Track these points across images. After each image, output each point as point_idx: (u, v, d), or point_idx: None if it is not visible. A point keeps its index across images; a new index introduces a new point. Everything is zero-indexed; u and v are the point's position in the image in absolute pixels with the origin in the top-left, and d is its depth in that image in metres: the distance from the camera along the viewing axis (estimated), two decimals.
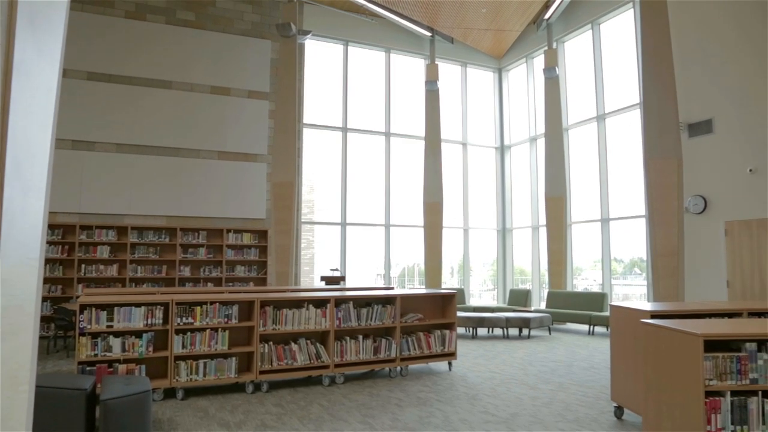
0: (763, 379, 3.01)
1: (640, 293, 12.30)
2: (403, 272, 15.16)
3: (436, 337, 7.23)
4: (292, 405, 5.48)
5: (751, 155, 8.24)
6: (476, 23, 14.19)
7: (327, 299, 6.54)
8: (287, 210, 12.01)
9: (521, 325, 10.56)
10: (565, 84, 13.82)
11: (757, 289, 8.08)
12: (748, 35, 8.35)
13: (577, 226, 13.44)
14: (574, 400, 5.76)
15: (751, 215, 8.22)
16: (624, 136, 12.31)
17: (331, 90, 13.81)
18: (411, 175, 14.52)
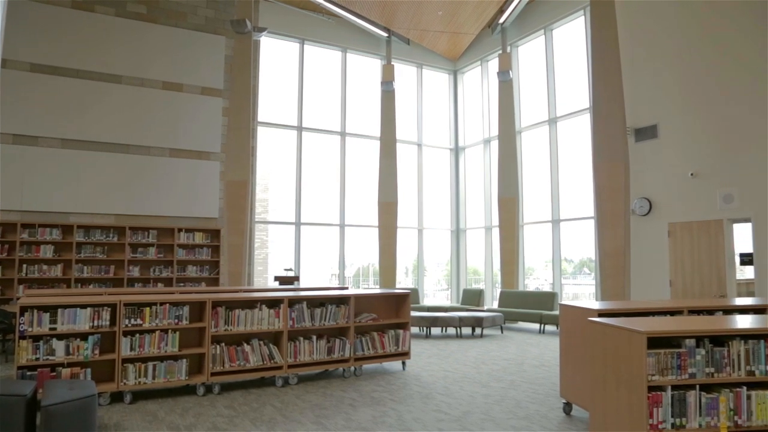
0: (700, 374, 3.14)
1: (589, 292, 12.65)
2: (357, 272, 15.16)
3: (390, 336, 7.26)
4: (245, 407, 5.40)
5: (693, 160, 8.60)
6: (432, 25, 14.31)
7: (280, 299, 6.48)
8: (240, 209, 11.81)
9: (474, 324, 10.71)
10: (518, 87, 14.09)
11: (697, 287, 8.44)
12: (692, 46, 8.71)
13: (529, 227, 13.73)
14: (524, 397, 5.88)
15: (692, 217, 8.58)
16: (574, 140, 12.65)
17: (287, 88, 13.69)
18: (366, 175, 14.53)
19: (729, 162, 8.16)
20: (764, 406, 3.16)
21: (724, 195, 8.18)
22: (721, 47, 8.29)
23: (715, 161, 8.33)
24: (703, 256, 8.42)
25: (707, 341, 3.20)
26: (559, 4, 12.67)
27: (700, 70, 8.58)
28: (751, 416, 3.14)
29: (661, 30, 9.17)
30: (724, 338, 3.24)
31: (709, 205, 8.37)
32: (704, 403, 3.10)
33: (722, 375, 3.18)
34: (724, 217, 8.20)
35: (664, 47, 9.10)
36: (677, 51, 8.90)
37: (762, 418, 3.15)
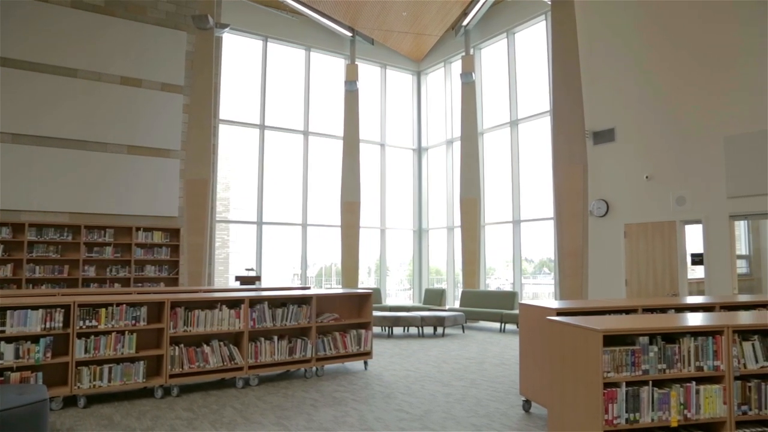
0: (653, 370, 3.24)
1: (549, 291, 12.90)
2: (320, 272, 15.09)
3: (351, 336, 7.25)
4: (204, 409, 5.31)
5: (648, 163, 8.86)
6: (397, 26, 14.36)
7: (241, 299, 6.40)
8: (201, 208, 11.63)
9: (436, 323, 10.79)
10: (480, 89, 14.26)
11: (651, 286, 8.70)
12: (648, 52, 8.97)
13: (490, 228, 13.91)
14: (485, 395, 5.95)
15: (646, 219, 8.83)
16: (535, 142, 12.87)
17: (249, 86, 13.53)
18: (329, 175, 14.48)
19: (682, 166, 8.44)
20: (711, 400, 3.28)
21: (676, 197, 8.46)
22: (677, 54, 8.56)
23: (669, 165, 8.60)
24: (657, 256, 8.68)
25: (660, 338, 3.31)
26: (521, 9, 12.88)
27: (655, 76, 8.85)
28: (699, 410, 3.26)
29: (620, 36, 9.42)
30: (676, 335, 3.35)
31: (662, 207, 8.64)
32: (656, 398, 3.20)
33: (673, 371, 3.28)
34: (676, 218, 8.47)
35: (623, 53, 9.34)
36: (635, 57, 9.15)
37: (709, 412, 3.27)
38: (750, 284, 9.75)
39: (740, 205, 7.77)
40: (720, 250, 7.97)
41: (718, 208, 7.98)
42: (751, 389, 3.35)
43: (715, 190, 8.00)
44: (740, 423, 3.34)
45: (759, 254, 9.93)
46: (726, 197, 7.88)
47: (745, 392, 3.34)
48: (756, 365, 3.40)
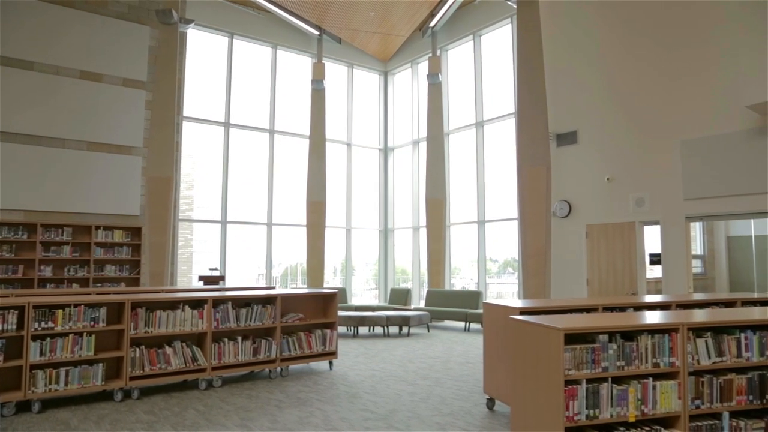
0: (612, 367, 3.32)
1: (513, 291, 13.08)
2: (285, 272, 14.98)
3: (317, 336, 7.22)
4: (166, 411, 5.22)
5: (609, 165, 9.07)
6: (364, 26, 14.36)
7: (204, 300, 6.31)
8: (163, 206, 11.42)
9: (401, 323, 10.83)
10: (447, 90, 14.37)
11: (612, 286, 8.90)
12: (610, 58, 9.18)
13: (456, 228, 14.03)
14: (449, 394, 6.00)
15: (607, 219, 9.04)
16: (500, 143, 13.04)
17: (214, 83, 13.34)
18: (295, 174, 14.39)
19: (641, 168, 8.66)
20: (667, 395, 3.38)
21: (636, 199, 8.68)
22: (637, 60, 8.79)
23: (629, 167, 8.82)
24: (617, 256, 8.89)
25: (619, 336, 3.39)
26: (488, 11, 13.03)
27: (617, 80, 9.06)
28: (656, 405, 3.35)
29: (583, 41, 9.61)
30: (634, 333, 3.44)
31: (622, 209, 8.86)
32: (615, 395, 3.28)
33: (631, 368, 3.37)
34: (636, 219, 8.70)
35: (586, 57, 9.54)
36: (597, 62, 9.36)
37: (665, 407, 3.37)
38: (704, 283, 10.09)
39: (696, 207, 8.02)
40: (677, 251, 8.21)
41: (675, 210, 8.23)
42: (703, 384, 3.47)
43: (673, 193, 8.24)
44: (693, 417, 3.45)
45: (713, 254, 10.28)
46: (682, 199, 8.12)
47: (698, 387, 3.46)
48: (708, 361, 3.52)
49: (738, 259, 9.92)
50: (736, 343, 3.60)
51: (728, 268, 10.09)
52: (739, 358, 3.59)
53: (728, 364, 3.56)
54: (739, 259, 9.90)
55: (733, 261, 10.02)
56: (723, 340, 3.58)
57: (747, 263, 9.65)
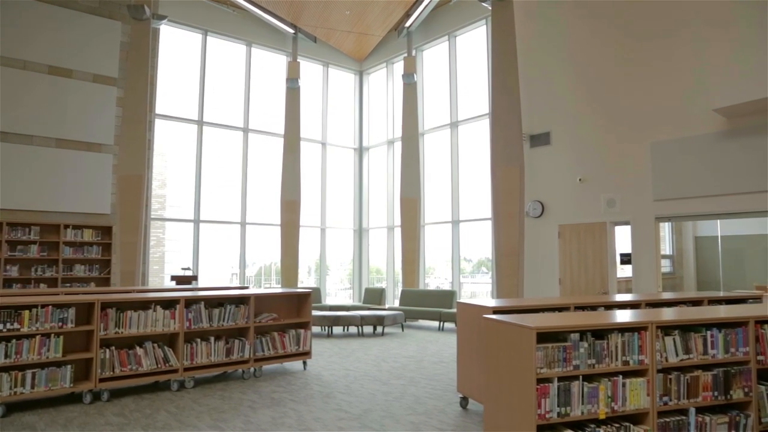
0: (583, 365, 3.37)
1: (487, 290, 13.19)
2: (259, 271, 14.87)
3: (290, 336, 7.18)
4: (137, 413, 5.14)
5: (581, 166, 9.21)
6: (339, 25, 14.32)
7: (177, 300, 6.23)
8: (135, 205, 11.23)
9: (375, 322, 10.83)
10: (422, 90, 14.42)
11: (583, 285, 9.04)
12: (582, 61, 9.31)
13: (430, 227, 14.09)
14: (423, 393, 6.02)
15: (579, 220, 9.18)
16: (474, 144, 13.13)
17: (188, 81, 13.16)
18: (269, 173, 14.29)
19: (612, 169, 8.81)
20: (636, 392, 3.44)
21: (607, 200, 8.82)
22: (608, 63, 8.94)
23: (601, 168, 8.97)
24: (588, 255, 9.03)
25: (590, 335, 3.44)
26: (463, 12, 13.11)
27: (589, 83, 9.20)
28: (625, 402, 3.42)
29: (557, 44, 9.73)
30: (604, 332, 3.50)
31: (594, 209, 9.00)
32: (586, 392, 3.33)
33: (602, 366, 3.42)
34: (607, 220, 8.84)
35: (559, 59, 9.67)
36: (570, 64, 9.49)
37: (634, 403, 3.44)
38: (673, 282, 10.31)
39: (665, 208, 8.19)
40: (646, 250, 8.37)
41: (644, 211, 8.39)
42: (671, 381, 3.54)
43: (643, 194, 8.40)
44: (661, 413, 3.53)
45: (681, 254, 10.51)
46: (652, 200, 8.29)
47: (667, 384, 3.53)
48: (676, 358, 3.60)
49: (705, 258, 10.16)
50: (702, 341, 3.69)
51: (696, 267, 10.32)
52: (705, 356, 3.68)
53: (695, 361, 3.65)
54: (706, 259, 10.13)
55: (701, 260, 10.26)
56: (690, 338, 3.66)
57: (714, 263, 9.88)
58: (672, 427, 3.50)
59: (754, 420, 3.74)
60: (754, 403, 3.76)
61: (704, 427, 3.58)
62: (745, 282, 9.40)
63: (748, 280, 9.40)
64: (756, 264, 9.65)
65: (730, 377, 3.70)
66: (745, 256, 9.80)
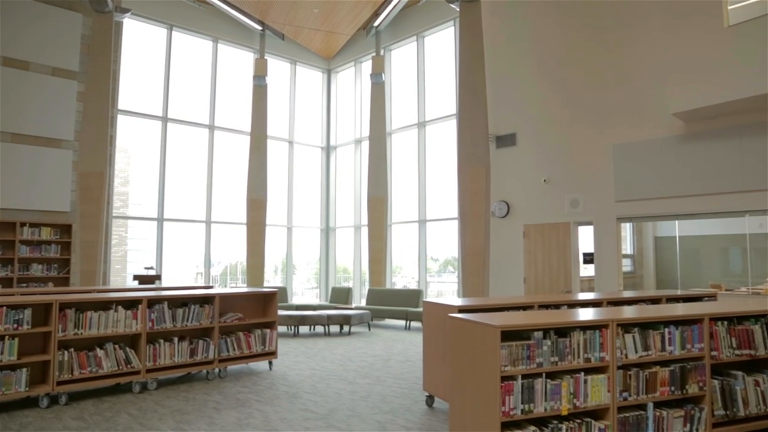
0: (546, 363, 3.43)
1: (453, 289, 13.29)
2: (225, 271, 14.69)
3: (256, 336, 7.11)
4: (97, 417, 5.02)
5: (546, 167, 9.36)
6: (308, 22, 14.24)
7: (139, 300, 6.10)
8: (96, 203, 10.96)
9: (342, 322, 10.81)
10: (390, 90, 14.44)
11: (547, 284, 9.19)
12: (547, 64, 9.47)
13: (397, 227, 14.12)
14: (390, 392, 6.04)
15: (544, 220, 9.33)
16: (441, 144, 13.22)
17: (152, 76, 12.90)
18: (235, 171, 14.12)
19: (576, 171, 8.98)
20: (597, 388, 3.52)
21: (571, 200, 8.99)
22: (572, 66, 9.10)
23: (565, 169, 9.13)
24: (552, 255, 9.19)
25: (553, 333, 3.50)
26: (431, 13, 13.18)
27: (553, 86, 9.36)
28: (587, 398, 3.49)
29: (524, 46, 9.87)
30: (567, 330, 3.56)
31: (558, 209, 9.16)
32: (549, 389, 3.39)
33: (564, 363, 3.49)
34: (570, 220, 9.01)
35: (525, 62, 9.81)
36: (536, 66, 9.63)
37: (595, 399, 3.51)
38: (633, 281, 10.57)
39: (626, 209, 8.39)
40: (608, 250, 8.56)
41: (607, 211, 8.58)
42: (631, 377, 3.63)
43: (605, 195, 8.59)
44: (621, 408, 3.61)
45: (642, 254, 10.78)
46: (614, 201, 8.48)
47: (626, 380, 3.62)
48: (636, 355, 3.69)
49: (664, 258, 10.45)
50: (660, 338, 3.79)
51: (655, 266, 10.61)
52: (663, 352, 3.79)
53: (653, 357, 3.75)
54: (665, 258, 10.43)
55: (660, 260, 10.55)
56: (649, 335, 3.76)
57: (672, 262, 10.18)
58: (631, 422, 3.59)
59: (707, 413, 3.87)
60: (707, 396, 3.89)
61: (661, 422, 3.68)
62: (701, 280, 9.71)
63: (704, 279, 9.71)
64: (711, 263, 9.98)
65: (686, 372, 3.82)
66: (701, 256, 10.12)
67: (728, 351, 4.04)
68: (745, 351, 4.10)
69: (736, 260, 9.22)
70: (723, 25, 7.16)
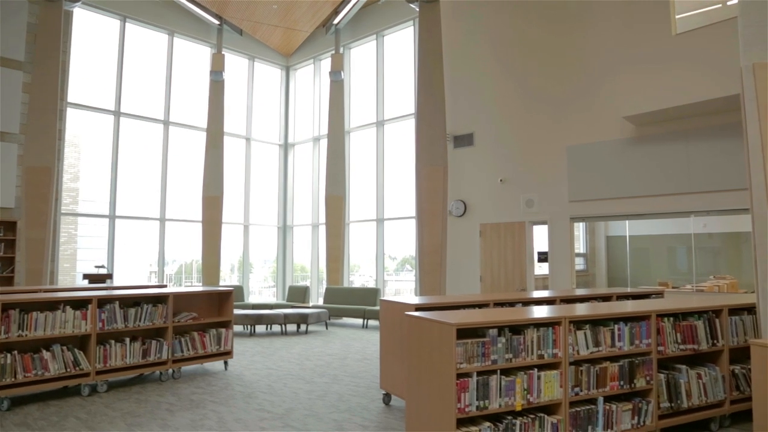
0: (501, 360, 3.49)
1: (410, 288, 13.36)
2: (180, 269, 14.38)
3: (211, 336, 6.99)
4: (42, 422, 4.84)
5: (502, 167, 9.52)
6: (266, 18, 14.07)
7: (88, 299, 5.91)
8: (43, 199, 10.56)
9: (299, 321, 10.74)
10: (349, 88, 14.41)
11: (503, 282, 9.34)
12: (505, 65, 9.62)
13: (355, 225, 14.11)
14: (347, 390, 6.03)
15: (500, 219, 9.48)
16: (399, 143, 13.27)
17: (104, 69, 12.51)
18: (190, 168, 13.84)
19: (531, 171, 9.17)
20: (550, 384, 3.60)
21: (526, 200, 9.16)
22: (527, 69, 9.28)
23: (521, 170, 9.31)
24: (508, 254, 9.35)
25: (507, 330, 3.57)
26: (391, 12, 13.21)
27: (510, 87, 9.52)
28: (540, 394, 3.57)
29: (482, 48, 10.00)
30: (521, 327, 3.64)
31: (514, 209, 9.32)
32: (504, 386, 3.45)
33: (519, 360, 3.56)
34: (526, 219, 9.19)
35: (483, 63, 9.94)
36: (494, 68, 9.77)
37: (549, 395, 3.60)
38: (586, 279, 10.85)
39: (579, 209, 8.60)
40: (562, 249, 8.77)
41: (560, 211, 8.78)
42: (582, 372, 3.74)
43: (559, 195, 8.79)
44: (573, 403, 3.71)
45: (594, 252, 11.07)
46: (568, 201, 8.69)
47: (578, 375, 3.72)
48: (587, 351, 3.80)
49: (615, 256, 10.77)
50: (610, 334, 3.91)
51: (607, 265, 10.92)
52: (612, 348, 3.91)
53: (603, 353, 3.86)
54: (616, 257, 10.74)
55: (611, 258, 10.86)
56: (600, 331, 3.87)
57: (623, 261, 10.49)
58: (582, 416, 3.69)
59: (654, 406, 4.01)
60: (654, 390, 4.03)
61: (611, 415, 3.80)
62: (650, 278, 10.05)
63: (653, 277, 10.05)
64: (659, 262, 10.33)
65: (635, 367, 3.95)
66: (650, 255, 10.47)
67: (673, 346, 4.20)
68: (689, 346, 4.27)
69: (682, 259, 9.58)
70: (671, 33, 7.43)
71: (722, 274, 8.80)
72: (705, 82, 6.82)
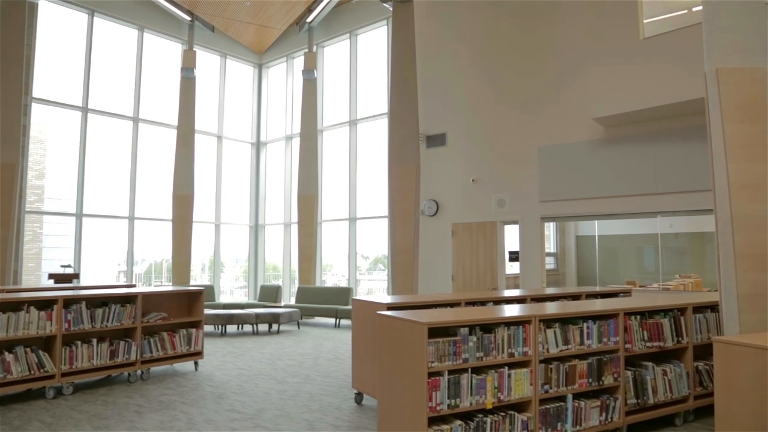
0: (472, 358, 3.52)
1: (383, 287, 13.38)
2: (150, 269, 14.15)
3: (181, 336, 6.90)
4: (4, 426, 4.71)
5: (474, 167, 9.59)
6: (239, 15, 13.93)
7: (54, 299, 5.78)
8: (6, 197, 10.28)
9: (271, 320, 10.67)
10: (322, 87, 14.36)
11: (475, 281, 9.42)
12: (477, 65, 9.70)
13: (328, 224, 14.07)
14: (319, 390, 6.01)
15: (472, 219, 9.56)
16: (372, 142, 13.27)
17: (71, 64, 12.22)
18: (160, 166, 13.62)
19: (503, 171, 9.26)
20: (521, 382, 3.65)
21: (498, 200, 9.25)
22: (500, 69, 9.37)
23: (492, 170, 9.39)
24: (480, 253, 9.43)
25: (478, 329, 3.60)
26: (365, 12, 13.19)
27: (482, 88, 9.60)
28: (510, 392, 3.61)
29: (455, 48, 10.06)
30: (492, 326, 3.67)
31: (486, 209, 9.41)
32: (475, 384, 3.48)
33: (489, 358, 3.60)
34: (497, 219, 9.28)
35: (456, 64, 10.00)
36: (466, 68, 9.85)
37: (519, 393, 3.64)
38: (556, 278, 11.01)
39: (550, 209, 8.72)
40: (533, 249, 8.88)
41: (531, 211, 8.89)
42: (552, 370, 3.79)
43: (530, 195, 8.90)
44: (543, 400, 3.76)
45: (564, 252, 11.24)
46: (539, 201, 8.80)
47: (548, 373, 3.77)
48: (556, 349, 3.86)
49: (585, 256, 10.95)
50: (579, 332, 3.98)
51: (577, 264, 11.10)
52: (581, 346, 3.97)
53: (573, 351, 3.92)
54: (586, 256, 10.92)
55: (581, 258, 11.04)
56: (569, 329, 3.93)
57: (592, 260, 10.68)
58: (552, 413, 3.74)
59: (621, 402, 4.09)
60: (621, 387, 4.11)
61: (579, 412, 3.86)
62: (618, 277, 10.25)
63: (621, 276, 10.25)
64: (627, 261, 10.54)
65: (603, 365, 4.02)
66: (618, 254, 10.68)
67: (640, 343, 4.29)
68: (655, 343, 4.37)
69: (649, 258, 9.79)
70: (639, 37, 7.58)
71: (687, 273, 9.03)
72: (672, 86, 6.98)
